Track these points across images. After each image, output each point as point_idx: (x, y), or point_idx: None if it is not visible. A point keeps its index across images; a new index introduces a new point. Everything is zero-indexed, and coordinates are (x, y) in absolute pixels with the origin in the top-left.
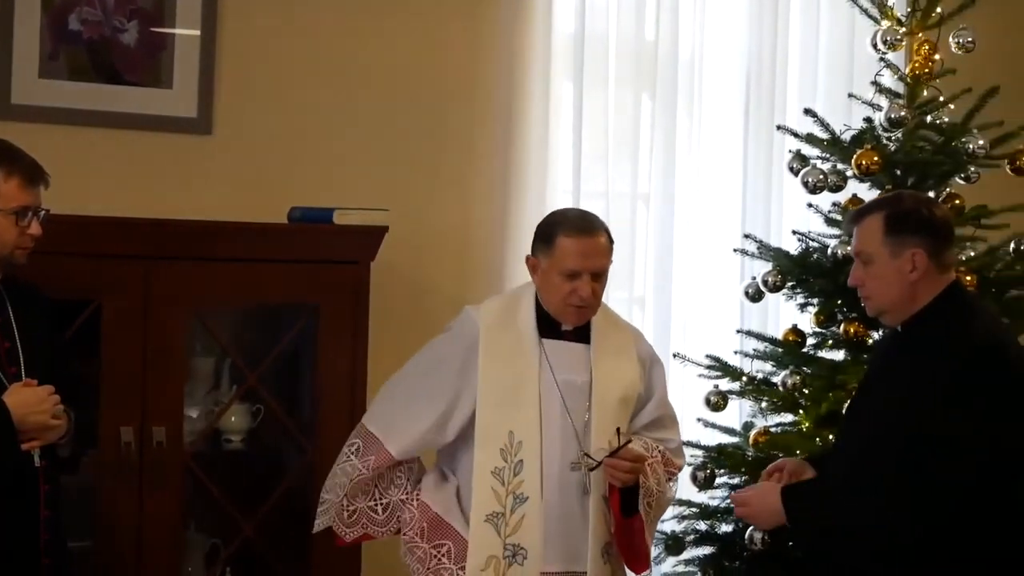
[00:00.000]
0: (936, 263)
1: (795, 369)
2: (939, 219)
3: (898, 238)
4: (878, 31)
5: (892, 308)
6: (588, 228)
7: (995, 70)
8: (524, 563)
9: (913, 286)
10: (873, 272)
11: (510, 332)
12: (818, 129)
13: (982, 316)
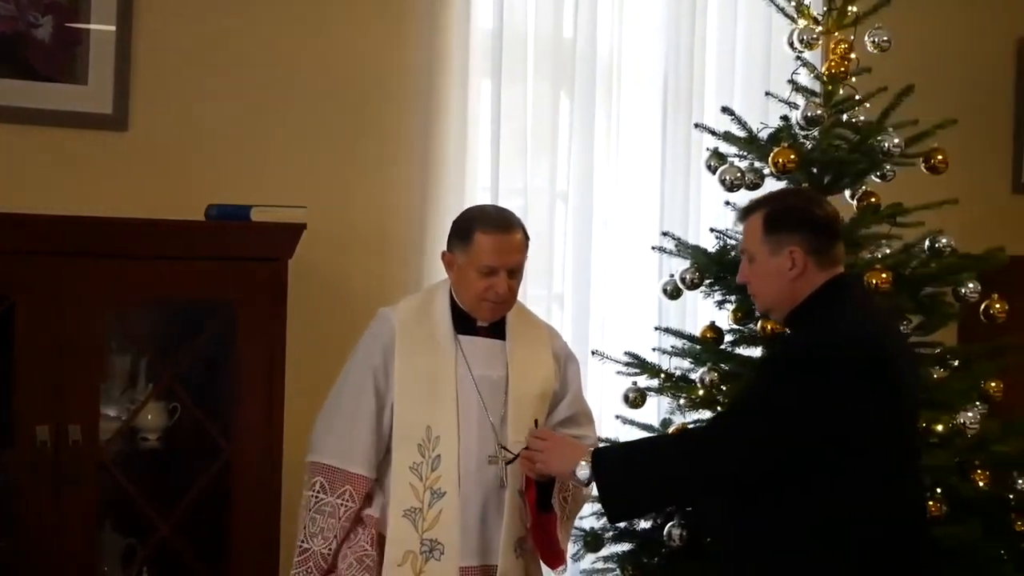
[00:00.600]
0: (816, 260)
1: (713, 366)
2: (819, 216)
3: (776, 236)
4: (795, 30)
5: (775, 305)
6: (505, 225)
7: (910, 69)
8: (441, 558)
9: (793, 283)
10: (757, 270)
11: (426, 329)
12: (735, 127)
13: (860, 306)
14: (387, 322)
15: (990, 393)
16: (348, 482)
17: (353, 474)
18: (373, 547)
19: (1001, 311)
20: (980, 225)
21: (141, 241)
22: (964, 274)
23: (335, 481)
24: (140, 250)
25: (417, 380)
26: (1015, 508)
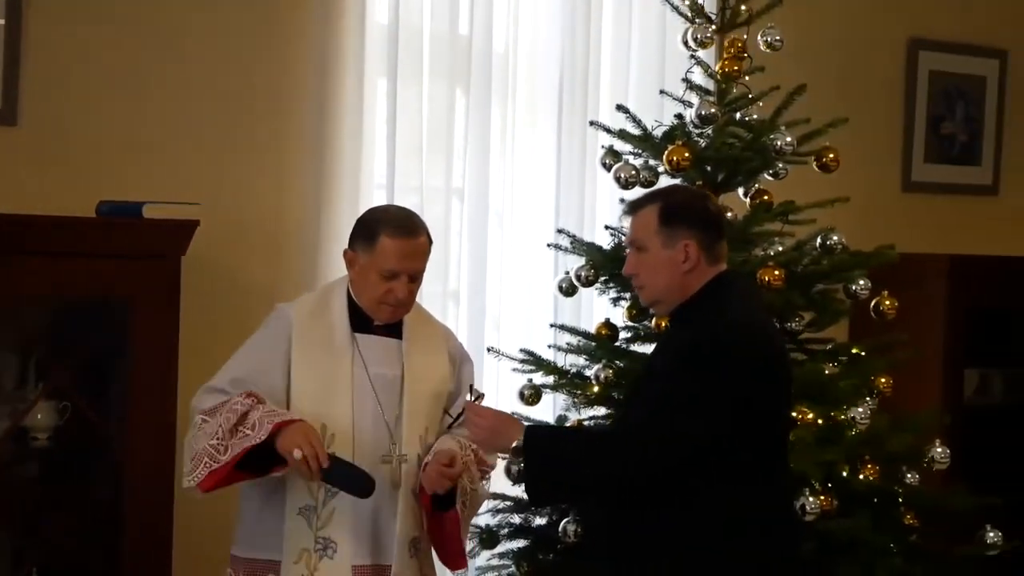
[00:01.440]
0: (707, 255)
1: (607, 363)
2: (711, 212)
3: (672, 229)
4: (689, 29)
5: (664, 297)
6: (411, 230)
7: (802, 68)
8: (335, 556)
9: (684, 276)
10: (647, 261)
11: (323, 327)
12: (630, 125)
13: (745, 302)
14: (284, 318)
15: (880, 389)
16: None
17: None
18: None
19: (891, 308)
20: (871, 223)
21: (31, 237)
22: (855, 271)
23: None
24: (30, 247)
25: (313, 378)
26: (904, 502)
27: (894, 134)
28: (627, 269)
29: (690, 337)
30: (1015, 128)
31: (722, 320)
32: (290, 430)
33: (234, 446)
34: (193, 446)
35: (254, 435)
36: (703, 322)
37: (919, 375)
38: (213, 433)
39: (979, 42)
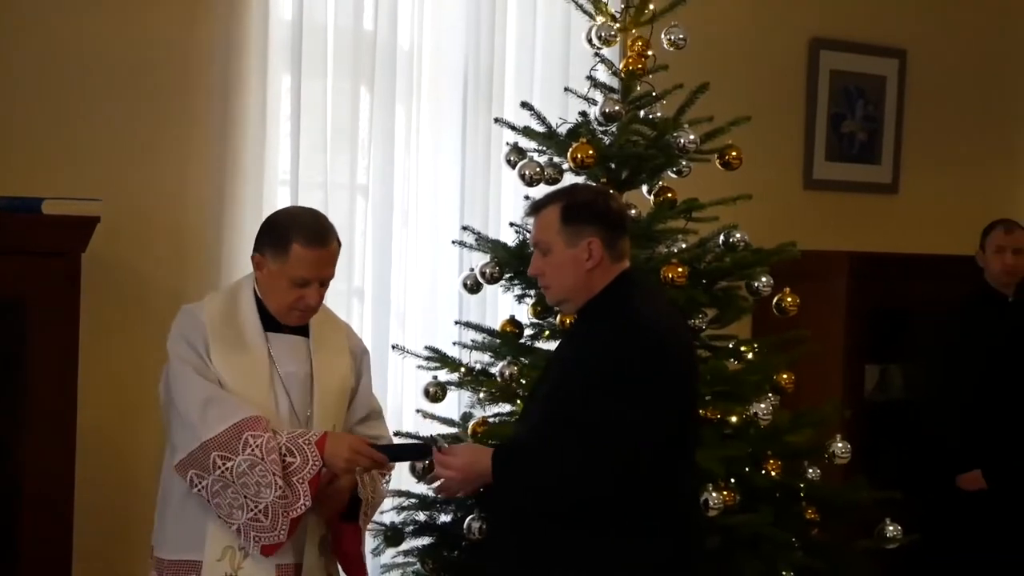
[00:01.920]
0: (610, 252)
1: (513, 360)
2: (613, 210)
3: (575, 227)
4: (593, 27)
5: (570, 296)
6: (323, 239)
7: (705, 67)
8: (259, 555)
9: (589, 274)
10: (551, 261)
11: (234, 327)
12: (535, 122)
13: (651, 299)
14: (196, 320)
15: (782, 385)
16: (246, 429)
17: (245, 419)
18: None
19: (793, 304)
20: (773, 220)
21: None
22: (757, 268)
23: (231, 441)
24: None
25: (233, 379)
26: (806, 496)
27: (796, 132)
28: (532, 270)
29: (606, 345)
30: (914, 127)
31: (630, 319)
32: (331, 447)
33: (296, 484)
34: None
35: (305, 463)
36: (613, 322)
37: (820, 371)
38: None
39: (879, 42)
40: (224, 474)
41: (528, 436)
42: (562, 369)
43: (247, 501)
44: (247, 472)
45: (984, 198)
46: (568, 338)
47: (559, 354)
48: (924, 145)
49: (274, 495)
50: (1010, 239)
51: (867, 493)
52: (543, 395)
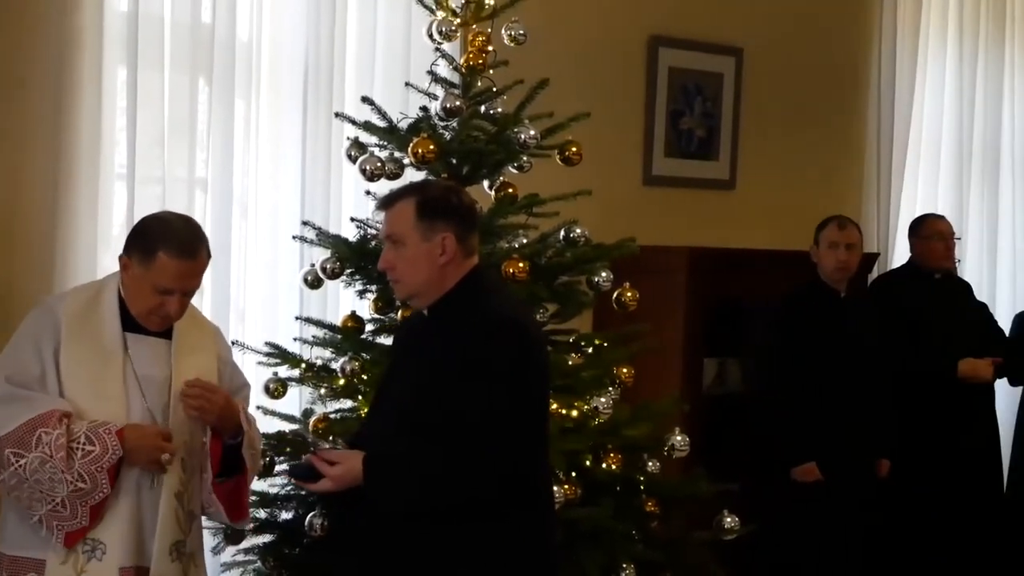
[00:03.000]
0: (462, 248)
1: (354, 355)
2: (465, 206)
3: (429, 222)
4: (433, 21)
5: (422, 291)
6: (191, 251)
7: (546, 63)
8: (103, 558)
9: (442, 269)
10: (404, 255)
11: (93, 325)
12: (375, 117)
13: (504, 296)
14: (52, 315)
15: (622, 379)
16: (39, 426)
17: (38, 415)
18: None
19: (632, 299)
20: (613, 216)
21: None
22: (597, 263)
23: (24, 437)
24: None
25: (84, 378)
26: (646, 489)
27: (635, 129)
28: (383, 264)
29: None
30: (750, 124)
31: (488, 319)
32: (132, 437)
33: (96, 473)
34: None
35: (105, 452)
36: (478, 318)
37: (660, 365)
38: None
39: (716, 40)
40: (18, 471)
41: (401, 440)
42: (425, 368)
43: (44, 495)
44: (39, 469)
45: (818, 194)
46: (422, 335)
47: (414, 351)
48: (760, 142)
49: (67, 491)
50: (843, 235)
51: (705, 485)
52: (403, 394)
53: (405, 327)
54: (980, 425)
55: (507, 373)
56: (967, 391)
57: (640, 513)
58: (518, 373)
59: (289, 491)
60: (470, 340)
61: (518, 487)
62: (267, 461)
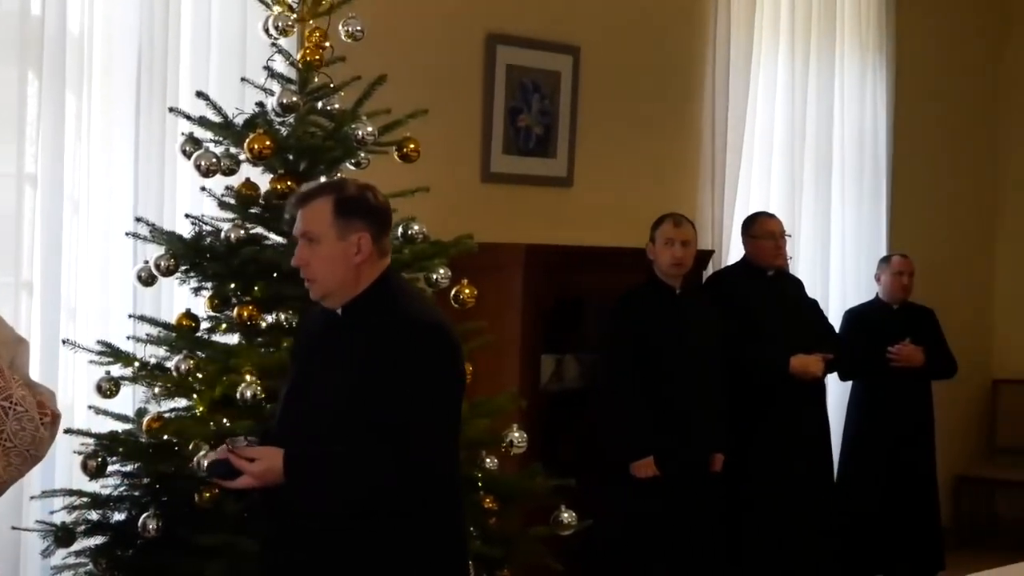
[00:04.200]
0: (377, 248)
1: (189, 354)
2: (381, 206)
3: (346, 221)
4: (270, 16)
5: (336, 290)
6: None
7: (383, 59)
8: None
9: (357, 269)
10: (319, 253)
11: None
12: (211, 112)
13: (419, 299)
14: None
15: None
16: None
17: None
18: None
19: (470, 296)
20: (451, 213)
21: None
22: (435, 260)
23: None
24: None
25: None
26: (483, 486)
27: (473, 126)
28: (297, 261)
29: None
30: (588, 122)
31: (410, 321)
32: None
33: None
34: None
35: None
36: (399, 319)
37: (498, 362)
38: None
39: (553, 38)
40: None
41: (325, 440)
42: (347, 369)
43: None
44: None
45: (654, 192)
46: (337, 335)
47: (329, 351)
48: (597, 140)
49: None
50: (679, 232)
51: (543, 481)
52: (324, 394)
53: (307, 327)
54: (811, 419)
55: (432, 376)
56: (799, 386)
57: (478, 510)
58: (442, 376)
59: (122, 492)
60: (395, 342)
61: (438, 486)
62: (99, 462)
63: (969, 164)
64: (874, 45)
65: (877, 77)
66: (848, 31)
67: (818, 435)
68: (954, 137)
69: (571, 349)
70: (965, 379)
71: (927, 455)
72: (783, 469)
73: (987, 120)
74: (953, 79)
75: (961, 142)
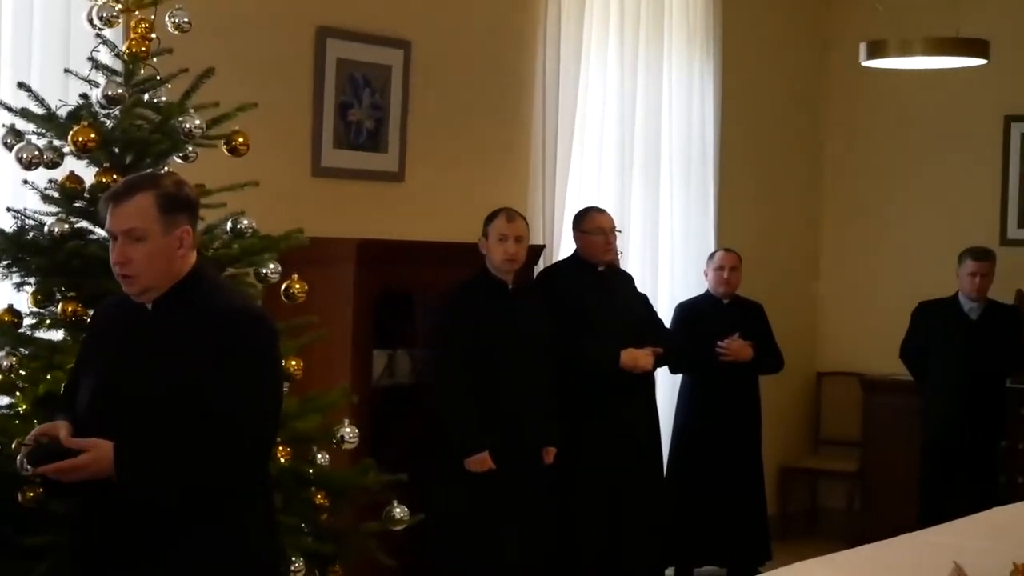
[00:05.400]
0: (194, 240)
1: (11, 351)
2: (195, 197)
3: (171, 217)
4: (94, 7)
5: (157, 285)
6: None
7: (212, 51)
8: None
9: (180, 263)
10: (144, 250)
11: None
12: (33, 104)
13: (234, 289)
14: None
15: (290, 371)
16: None
17: None
18: None
19: (301, 291)
20: (281, 207)
21: None
22: (265, 255)
23: None
24: None
25: None
26: (315, 482)
27: (304, 120)
28: (118, 258)
29: (229, 335)
30: (419, 117)
31: (248, 311)
32: None
33: None
34: None
35: None
36: (210, 311)
37: (329, 357)
38: None
39: (384, 32)
40: None
41: (151, 431)
42: (168, 360)
43: None
44: None
45: (486, 187)
46: (150, 327)
47: (144, 343)
48: (429, 134)
49: None
50: (511, 228)
51: (375, 477)
52: (143, 386)
53: (105, 321)
54: (641, 413)
55: (259, 364)
56: (629, 380)
57: (309, 506)
58: (268, 366)
59: None
60: (220, 332)
61: (262, 477)
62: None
63: (794, 162)
64: (701, 43)
65: (704, 75)
66: (676, 28)
67: (648, 428)
68: (780, 135)
69: (403, 344)
70: (790, 372)
71: (754, 447)
72: (613, 462)
73: (812, 119)
74: (778, 77)
75: (787, 140)
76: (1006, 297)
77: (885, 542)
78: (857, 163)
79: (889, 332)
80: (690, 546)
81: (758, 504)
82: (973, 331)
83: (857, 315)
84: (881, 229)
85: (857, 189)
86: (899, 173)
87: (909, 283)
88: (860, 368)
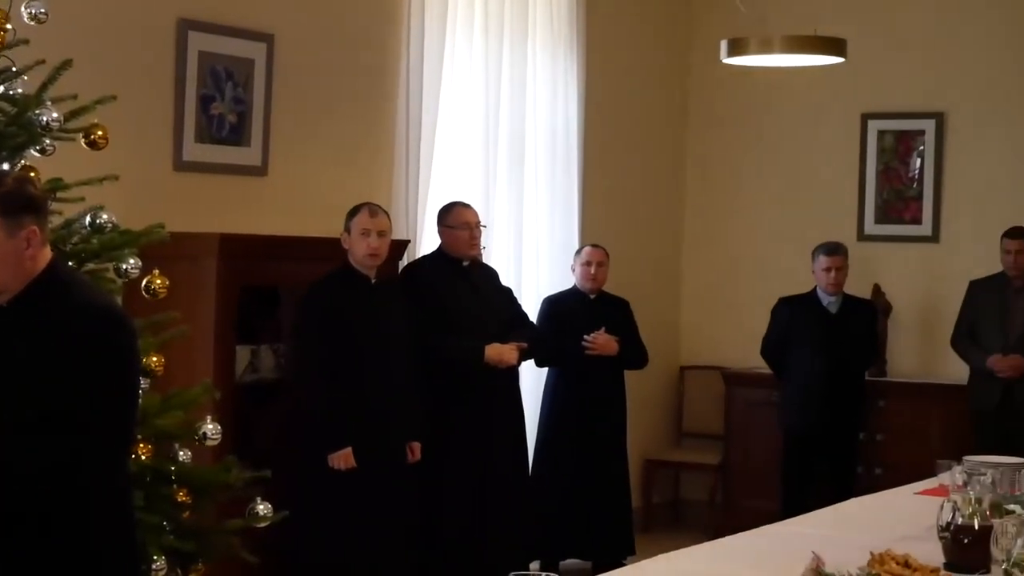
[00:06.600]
0: (42, 238)
1: None
2: (41, 196)
3: (14, 219)
4: None
5: (10, 287)
6: None
7: (70, 43)
8: None
9: (31, 263)
10: None
11: None
12: None
13: (89, 286)
14: None
15: (152, 368)
16: None
17: None
18: None
19: (162, 287)
20: (142, 202)
21: None
22: (125, 250)
23: None
24: None
25: None
26: (176, 479)
27: (165, 113)
28: None
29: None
30: (283, 111)
31: (89, 307)
32: None
33: None
34: None
35: None
36: (64, 309)
37: (191, 353)
38: None
39: (247, 25)
40: None
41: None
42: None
43: None
44: None
45: (349, 181)
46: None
47: None
48: (292, 128)
49: None
50: (374, 222)
51: (238, 473)
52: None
53: None
54: (506, 407)
55: (116, 364)
56: (494, 375)
57: (170, 503)
58: (123, 364)
59: None
60: (75, 330)
61: (120, 476)
62: None
63: (657, 159)
64: (565, 40)
65: (568, 71)
66: (540, 25)
67: (513, 422)
68: (643, 132)
69: (266, 340)
70: (654, 366)
71: (619, 440)
72: (478, 456)
73: (674, 116)
74: (641, 74)
75: (650, 137)
76: (863, 292)
77: (746, 533)
78: (719, 160)
79: (750, 326)
80: (555, 539)
81: (622, 497)
82: (832, 325)
83: (719, 310)
84: (742, 225)
85: (719, 186)
86: (760, 170)
87: (770, 278)
88: (722, 362)
